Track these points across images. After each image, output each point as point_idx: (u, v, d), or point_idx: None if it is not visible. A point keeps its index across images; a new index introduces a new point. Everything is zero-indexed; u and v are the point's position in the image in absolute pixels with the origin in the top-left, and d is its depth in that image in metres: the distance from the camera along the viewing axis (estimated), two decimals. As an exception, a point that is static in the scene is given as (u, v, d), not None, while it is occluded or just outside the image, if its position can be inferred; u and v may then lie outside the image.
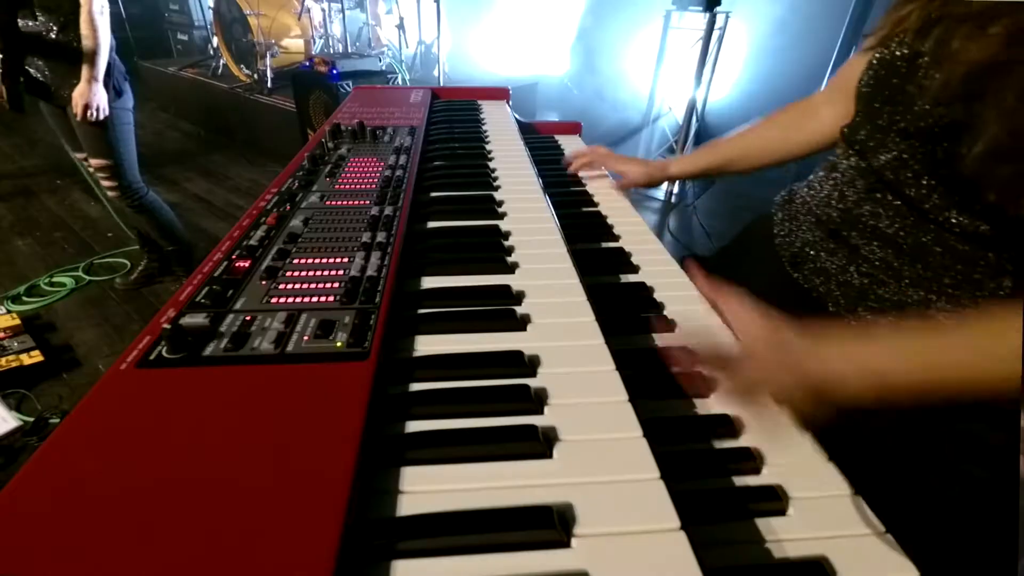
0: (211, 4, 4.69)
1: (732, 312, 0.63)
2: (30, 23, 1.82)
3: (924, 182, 0.63)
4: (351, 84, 3.28)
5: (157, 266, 2.48)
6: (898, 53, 0.65)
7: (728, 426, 0.52)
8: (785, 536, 0.42)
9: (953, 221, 0.61)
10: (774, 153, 0.94)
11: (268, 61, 4.15)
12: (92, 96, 1.86)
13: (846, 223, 0.72)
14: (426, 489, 0.39)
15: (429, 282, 0.65)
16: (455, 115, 1.35)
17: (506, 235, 0.77)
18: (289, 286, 0.56)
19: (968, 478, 0.62)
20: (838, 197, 0.74)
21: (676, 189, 3.69)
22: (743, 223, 0.97)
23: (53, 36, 1.84)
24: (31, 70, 1.90)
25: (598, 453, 0.43)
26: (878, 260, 0.67)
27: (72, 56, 1.86)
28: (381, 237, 0.66)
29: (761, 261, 0.82)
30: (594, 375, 0.51)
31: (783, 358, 0.54)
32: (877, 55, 0.69)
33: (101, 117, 1.92)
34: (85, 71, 1.83)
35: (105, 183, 2.09)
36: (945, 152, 0.59)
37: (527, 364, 0.51)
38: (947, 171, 0.60)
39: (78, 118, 1.89)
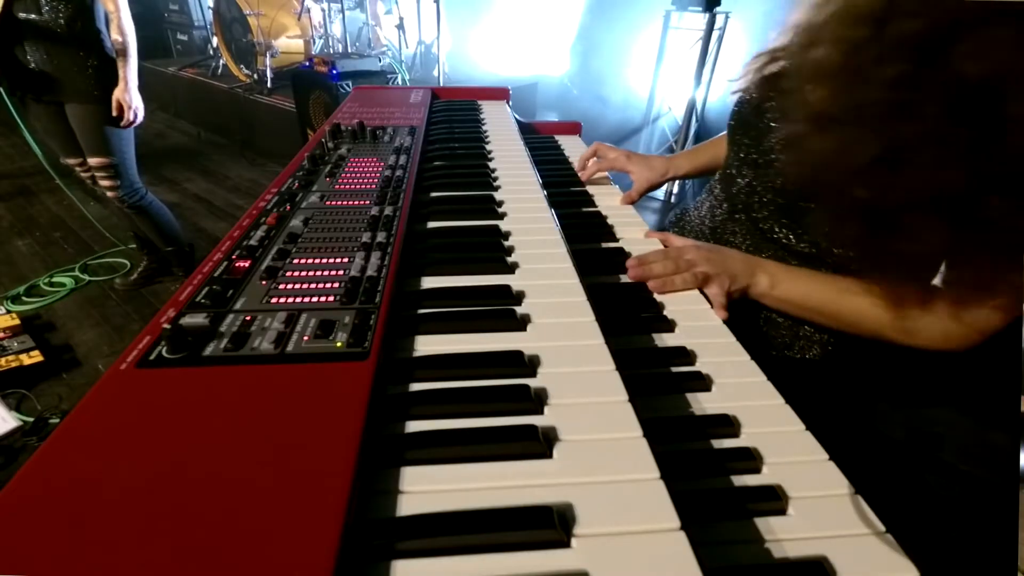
0: (211, 4, 4.68)
1: (676, 240, 0.81)
2: (32, 15, 1.76)
3: (768, 209, 0.77)
4: (351, 84, 3.29)
5: (156, 267, 2.48)
6: (754, 95, 0.79)
7: (728, 426, 0.52)
8: (785, 536, 0.42)
9: (785, 242, 0.76)
10: None
11: (268, 61, 4.15)
12: (132, 98, 1.91)
13: (714, 238, 0.87)
14: (426, 489, 0.39)
15: (429, 282, 0.65)
16: (455, 115, 1.35)
17: (506, 235, 0.77)
18: (289, 286, 0.56)
19: (967, 477, 0.62)
20: (710, 217, 0.90)
21: (676, 189, 3.69)
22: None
23: (59, 28, 1.79)
24: (32, 63, 1.83)
25: (598, 453, 0.43)
26: None
27: (81, 48, 1.84)
28: (381, 237, 0.66)
29: None
30: (594, 375, 0.51)
31: (715, 256, 0.73)
32: (741, 96, 0.83)
33: (140, 119, 1.98)
34: (122, 73, 1.88)
35: (104, 183, 2.07)
36: (783, 186, 0.73)
37: (527, 364, 0.51)
38: (784, 200, 0.74)
39: (123, 123, 1.94)
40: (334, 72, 3.32)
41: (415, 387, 0.49)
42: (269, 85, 4.16)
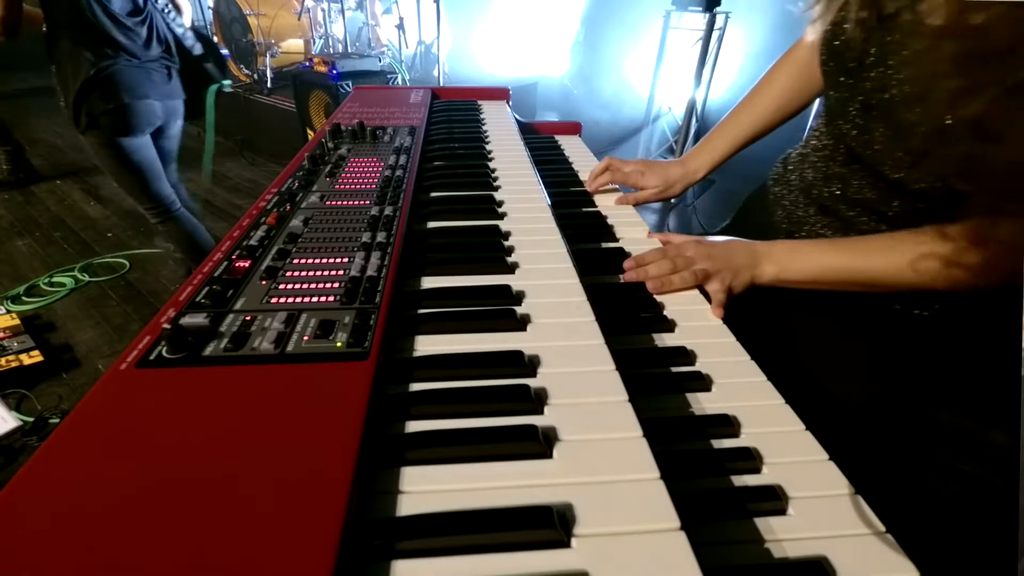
0: (211, 4, 4.68)
1: (676, 239, 0.79)
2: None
3: (887, 152, 0.65)
4: (351, 84, 3.28)
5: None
6: (848, 27, 0.66)
7: (728, 426, 0.52)
8: (785, 536, 0.42)
9: (915, 188, 0.64)
10: (786, 113, 0.94)
11: (268, 61, 4.15)
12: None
13: (833, 197, 0.75)
14: (426, 489, 0.39)
15: (429, 282, 0.65)
16: (455, 115, 1.35)
17: (506, 235, 0.77)
18: (289, 286, 0.56)
19: (967, 477, 0.62)
20: (824, 172, 0.76)
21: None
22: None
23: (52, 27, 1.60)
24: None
25: (598, 453, 0.43)
26: (869, 230, 0.70)
27: (69, 56, 1.61)
28: (381, 237, 0.66)
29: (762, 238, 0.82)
30: (594, 375, 0.51)
31: (715, 251, 0.72)
32: (829, 31, 0.71)
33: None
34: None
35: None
36: (903, 122, 0.61)
37: (527, 364, 0.51)
38: (904, 140, 0.62)
39: None
40: (334, 72, 3.32)
41: (415, 387, 0.49)
42: (269, 85, 4.16)
